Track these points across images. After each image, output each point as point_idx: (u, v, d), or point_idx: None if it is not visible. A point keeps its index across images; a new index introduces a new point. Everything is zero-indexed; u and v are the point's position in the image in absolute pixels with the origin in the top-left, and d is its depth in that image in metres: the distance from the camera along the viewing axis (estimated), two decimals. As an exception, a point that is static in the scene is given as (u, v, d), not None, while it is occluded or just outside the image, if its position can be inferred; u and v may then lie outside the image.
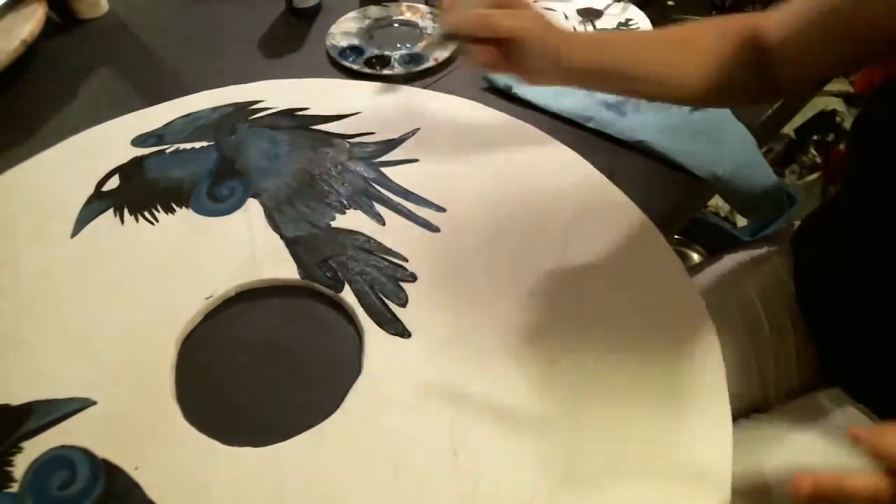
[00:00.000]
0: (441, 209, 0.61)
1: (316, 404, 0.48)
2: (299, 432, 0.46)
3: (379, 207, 0.61)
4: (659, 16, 0.87)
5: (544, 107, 0.73)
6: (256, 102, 0.73)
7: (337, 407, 0.48)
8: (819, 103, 1.55)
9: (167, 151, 0.67)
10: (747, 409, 0.64)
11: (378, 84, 0.75)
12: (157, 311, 0.54)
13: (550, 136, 0.68)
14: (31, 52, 0.78)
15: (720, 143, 0.67)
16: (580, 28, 0.86)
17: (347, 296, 0.54)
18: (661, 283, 0.55)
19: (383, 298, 0.54)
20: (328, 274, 0.56)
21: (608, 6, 0.89)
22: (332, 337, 0.53)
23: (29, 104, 0.77)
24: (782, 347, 0.64)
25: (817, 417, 0.59)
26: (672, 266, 0.56)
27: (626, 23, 0.86)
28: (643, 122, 0.70)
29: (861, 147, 0.53)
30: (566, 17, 0.88)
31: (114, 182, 0.64)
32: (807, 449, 0.56)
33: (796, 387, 0.65)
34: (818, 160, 1.55)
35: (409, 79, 0.78)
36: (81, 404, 0.48)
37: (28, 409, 0.48)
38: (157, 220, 0.61)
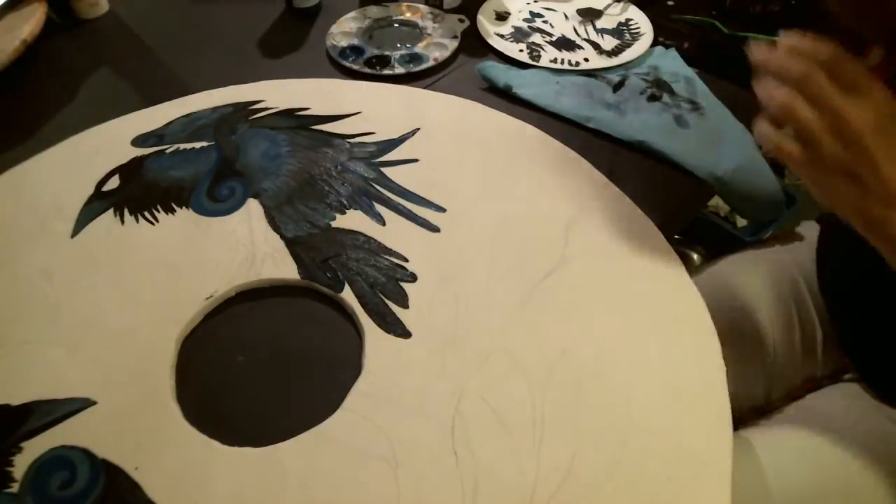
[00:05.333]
0: (441, 209, 0.61)
1: (316, 404, 0.48)
2: (299, 432, 0.46)
3: (379, 207, 0.61)
4: (659, 16, 0.87)
5: (544, 107, 0.73)
6: (256, 102, 0.73)
7: (337, 407, 0.48)
8: (819, 103, 1.54)
9: (167, 151, 0.67)
10: (748, 409, 0.64)
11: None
12: (157, 311, 0.54)
13: (550, 136, 0.68)
14: (31, 52, 0.78)
15: (720, 143, 0.67)
16: (580, 28, 0.86)
17: (347, 296, 0.54)
18: (661, 283, 0.55)
19: (383, 298, 0.54)
20: (328, 274, 0.56)
21: (608, 6, 0.89)
22: (332, 337, 0.53)
23: (29, 104, 0.77)
24: (783, 348, 0.64)
25: (818, 418, 0.59)
26: (672, 266, 0.56)
27: (626, 23, 0.86)
28: (643, 122, 0.70)
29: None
30: (566, 17, 0.88)
31: (114, 182, 0.64)
32: (808, 449, 0.56)
33: (798, 387, 0.65)
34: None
35: (409, 79, 0.78)
36: (81, 404, 0.48)
37: (28, 409, 0.47)
38: (157, 220, 0.61)
